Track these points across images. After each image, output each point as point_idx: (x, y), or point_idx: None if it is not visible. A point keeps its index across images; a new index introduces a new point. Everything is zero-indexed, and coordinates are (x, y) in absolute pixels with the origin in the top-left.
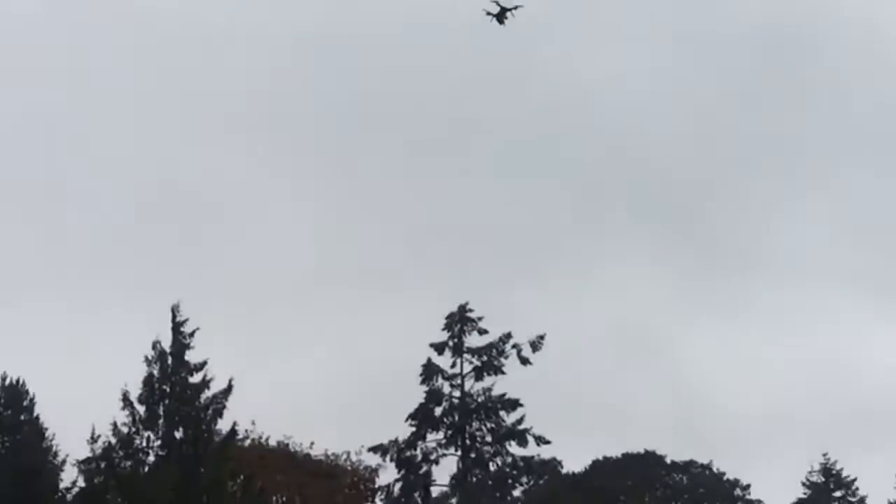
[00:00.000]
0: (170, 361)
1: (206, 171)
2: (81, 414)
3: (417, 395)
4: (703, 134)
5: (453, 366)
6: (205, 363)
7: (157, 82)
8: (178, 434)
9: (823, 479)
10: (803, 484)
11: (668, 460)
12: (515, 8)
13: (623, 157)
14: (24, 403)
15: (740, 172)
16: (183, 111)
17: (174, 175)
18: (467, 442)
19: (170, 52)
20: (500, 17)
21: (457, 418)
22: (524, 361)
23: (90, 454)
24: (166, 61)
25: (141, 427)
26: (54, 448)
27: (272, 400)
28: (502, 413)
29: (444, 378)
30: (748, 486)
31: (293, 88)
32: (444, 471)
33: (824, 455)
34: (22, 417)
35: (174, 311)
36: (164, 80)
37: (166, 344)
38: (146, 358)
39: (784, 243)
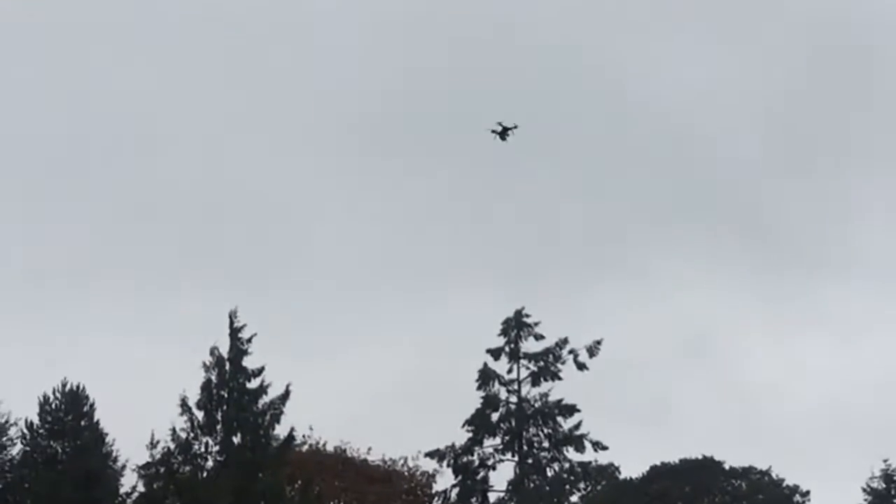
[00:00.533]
0: (227, 367)
1: (265, 178)
2: (141, 420)
3: (474, 400)
4: (768, 133)
5: (510, 371)
6: (262, 369)
7: (227, 85)
8: (237, 439)
9: (885, 486)
10: (864, 490)
11: (726, 466)
12: (515, 127)
13: (685, 158)
14: (84, 409)
15: (805, 173)
16: (243, 113)
17: (233, 182)
18: (524, 447)
19: (238, 54)
20: (503, 135)
21: (514, 424)
22: (581, 367)
23: (149, 459)
24: (236, 64)
25: (199, 432)
26: (114, 453)
27: (329, 405)
28: (559, 418)
29: (500, 383)
30: (808, 492)
31: (356, 90)
32: (501, 476)
33: (885, 461)
34: (82, 423)
35: (231, 316)
36: (234, 82)
37: (224, 350)
38: (204, 364)
39: (849, 245)
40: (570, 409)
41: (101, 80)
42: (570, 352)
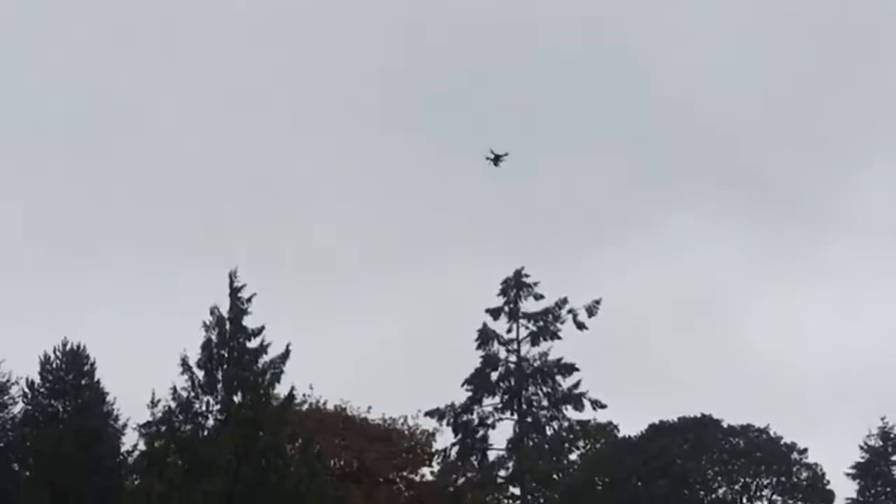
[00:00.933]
0: (228, 327)
1: (265, 151)
2: (142, 379)
3: (474, 360)
4: (773, 90)
5: (509, 331)
6: (262, 328)
7: (241, 64)
8: (237, 398)
9: (881, 443)
10: (861, 448)
11: (724, 424)
12: (506, 154)
13: (689, 116)
14: (86, 368)
15: (812, 130)
16: (243, 89)
17: (234, 156)
18: (523, 406)
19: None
20: (496, 161)
21: (513, 383)
22: (580, 326)
23: (150, 418)
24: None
25: (200, 391)
26: (115, 412)
27: (329, 365)
28: (558, 378)
29: (500, 343)
30: (805, 449)
31: (360, 66)
32: (500, 435)
33: (883, 419)
34: (83, 382)
35: (231, 276)
36: (246, 62)
37: (224, 309)
38: (204, 323)
39: (853, 203)
40: (570, 369)
41: (102, 55)
42: (570, 311)
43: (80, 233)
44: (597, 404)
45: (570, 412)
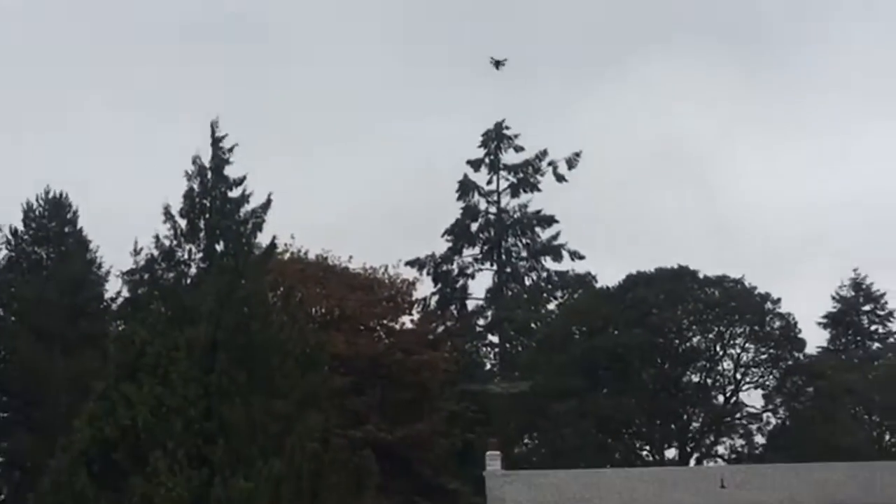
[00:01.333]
0: (209, 176)
1: None
2: (124, 228)
3: (454, 211)
4: None
5: (489, 182)
6: (244, 178)
7: None
8: (219, 247)
9: (853, 293)
10: (833, 298)
11: (700, 275)
12: (506, 60)
13: None
14: (68, 216)
15: None
16: None
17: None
18: (503, 257)
19: None
20: (497, 66)
21: (492, 234)
22: (560, 178)
23: (133, 266)
24: None
25: (183, 240)
26: (98, 260)
27: (310, 215)
28: (538, 229)
29: (480, 194)
30: (779, 299)
31: None
32: (479, 285)
33: (855, 270)
34: (66, 230)
35: (213, 126)
36: None
37: (206, 159)
38: (186, 172)
39: (842, 57)
40: (549, 220)
41: None
42: (550, 163)
43: (58, 79)
44: (575, 255)
45: (548, 263)
